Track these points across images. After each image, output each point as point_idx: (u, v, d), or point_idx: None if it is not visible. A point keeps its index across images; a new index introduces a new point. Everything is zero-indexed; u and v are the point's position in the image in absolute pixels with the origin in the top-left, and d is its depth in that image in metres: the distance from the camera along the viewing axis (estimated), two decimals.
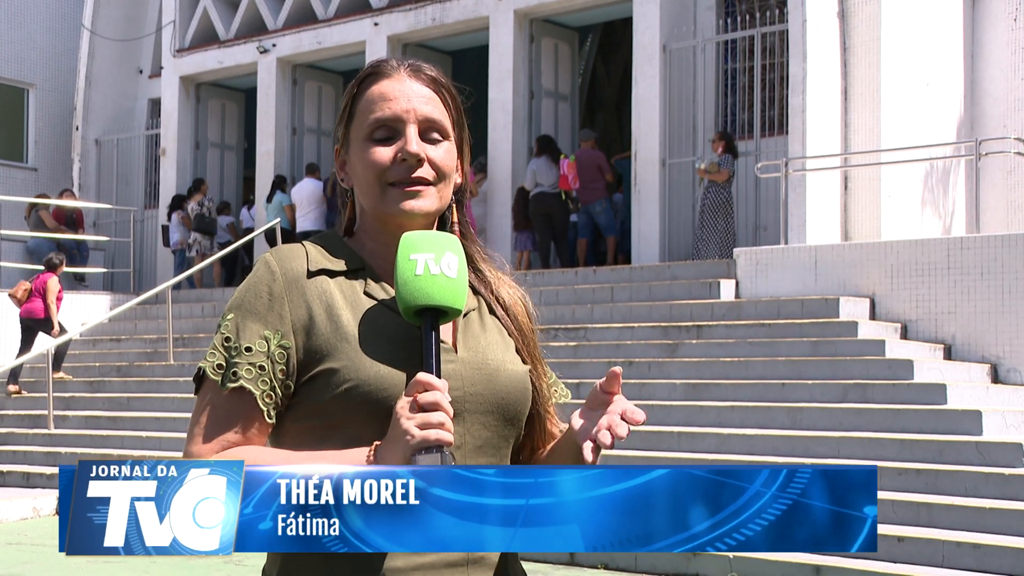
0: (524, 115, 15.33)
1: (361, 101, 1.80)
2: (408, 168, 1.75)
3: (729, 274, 11.99)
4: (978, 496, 7.97)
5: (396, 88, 1.78)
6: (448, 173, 1.79)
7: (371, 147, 1.77)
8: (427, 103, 1.78)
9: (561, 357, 11.26)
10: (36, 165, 20.10)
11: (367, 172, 1.77)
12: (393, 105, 1.77)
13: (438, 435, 1.57)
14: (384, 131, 1.77)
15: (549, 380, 1.89)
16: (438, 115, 1.79)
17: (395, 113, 1.76)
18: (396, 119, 1.76)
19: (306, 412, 1.70)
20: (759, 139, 13.90)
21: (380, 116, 1.77)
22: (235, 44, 17.84)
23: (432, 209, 1.77)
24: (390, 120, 1.76)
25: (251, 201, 17.94)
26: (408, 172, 1.75)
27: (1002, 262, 10.33)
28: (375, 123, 1.77)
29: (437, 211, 1.79)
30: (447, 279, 1.66)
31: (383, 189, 1.76)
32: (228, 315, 1.72)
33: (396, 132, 1.77)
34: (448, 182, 1.80)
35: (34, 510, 10.74)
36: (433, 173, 1.77)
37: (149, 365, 13.94)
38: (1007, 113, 13.59)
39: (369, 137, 1.77)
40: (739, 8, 14.27)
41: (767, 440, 9.07)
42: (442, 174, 1.78)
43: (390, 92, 1.78)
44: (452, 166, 1.80)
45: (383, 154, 1.76)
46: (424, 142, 1.77)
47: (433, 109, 1.79)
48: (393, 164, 1.75)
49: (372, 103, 1.78)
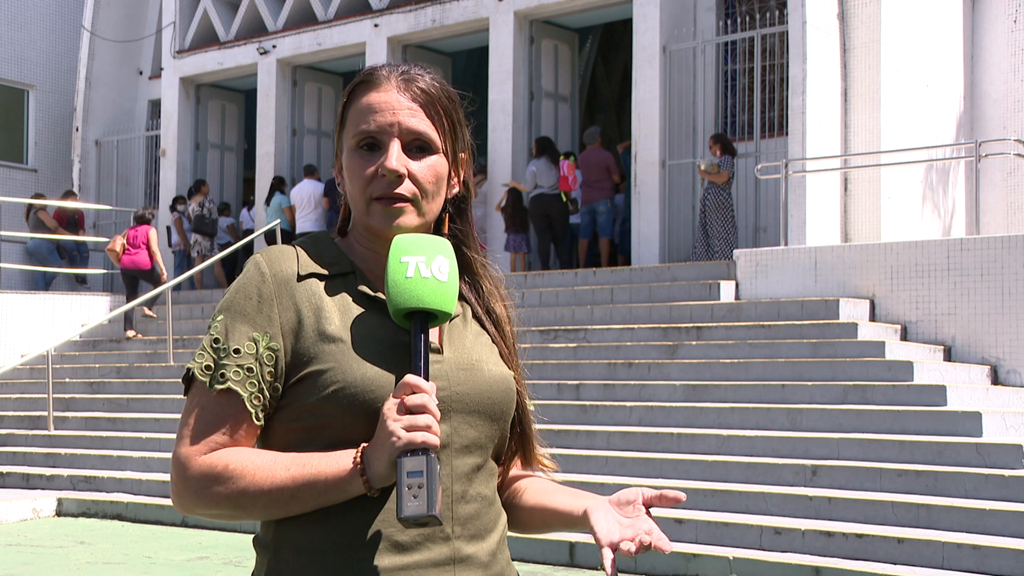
0: (524, 116, 15.33)
1: (351, 110, 1.80)
2: (388, 184, 1.74)
3: (729, 275, 11.99)
4: (978, 497, 7.97)
5: (383, 100, 1.77)
6: (431, 188, 1.77)
7: (356, 158, 1.77)
8: (414, 116, 1.77)
9: (561, 358, 11.26)
10: (36, 166, 20.10)
11: (352, 183, 1.77)
12: (378, 118, 1.76)
13: (424, 438, 1.57)
14: (369, 142, 1.77)
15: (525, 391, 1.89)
16: (424, 128, 1.77)
17: (379, 127, 1.76)
18: (380, 132, 1.76)
19: (294, 414, 1.70)
20: (759, 140, 13.90)
21: (365, 129, 1.76)
22: (235, 45, 17.84)
23: (412, 226, 1.76)
24: (374, 133, 1.76)
25: (251, 202, 17.95)
26: (388, 188, 1.74)
27: (1002, 263, 10.33)
28: (360, 135, 1.77)
29: (420, 226, 1.78)
30: (437, 282, 1.66)
31: (367, 203, 1.76)
32: (218, 316, 1.72)
33: (380, 144, 1.76)
34: (432, 197, 1.78)
35: (34, 511, 10.74)
36: (414, 189, 1.75)
37: (149, 366, 13.94)
38: (1007, 114, 13.59)
39: (356, 147, 1.77)
40: (739, 9, 14.27)
41: (767, 441, 9.08)
42: (424, 190, 1.76)
43: (377, 104, 1.77)
44: (436, 180, 1.78)
45: (365, 167, 1.76)
46: (409, 156, 1.76)
47: (420, 122, 1.77)
48: (374, 178, 1.75)
49: (359, 114, 1.78)
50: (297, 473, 1.63)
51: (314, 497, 1.63)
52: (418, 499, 1.55)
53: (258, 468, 1.64)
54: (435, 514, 1.55)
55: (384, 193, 1.75)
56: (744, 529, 8.04)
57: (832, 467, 8.59)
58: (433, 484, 1.55)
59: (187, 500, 1.68)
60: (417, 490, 1.55)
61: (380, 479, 1.61)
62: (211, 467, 1.66)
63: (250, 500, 1.65)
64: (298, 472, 1.63)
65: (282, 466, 1.64)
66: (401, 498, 1.56)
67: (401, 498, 1.56)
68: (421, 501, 1.55)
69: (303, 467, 1.64)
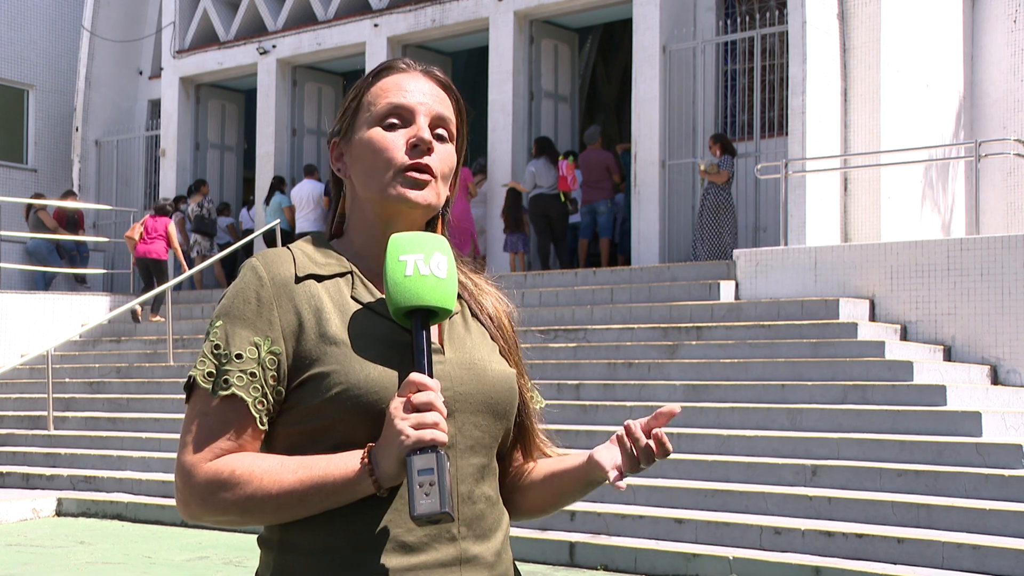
0: (524, 116, 15.33)
1: (373, 91, 1.81)
2: (419, 152, 1.76)
3: (729, 275, 11.99)
4: (978, 497, 7.97)
5: (412, 82, 1.81)
6: (446, 173, 1.81)
7: (379, 133, 1.78)
8: (439, 102, 1.81)
9: (561, 358, 11.26)
10: (36, 166, 20.10)
11: (376, 156, 1.77)
12: (410, 96, 1.79)
13: (433, 435, 1.57)
14: (396, 118, 1.78)
15: (528, 386, 1.89)
16: (449, 115, 1.81)
17: (412, 103, 1.78)
18: (411, 109, 1.78)
19: (298, 417, 1.70)
20: (759, 140, 13.90)
21: (397, 102, 1.78)
22: (235, 45, 17.84)
23: (431, 203, 1.77)
24: (406, 108, 1.78)
25: (251, 202, 17.95)
26: (419, 156, 1.76)
27: (1002, 263, 10.33)
28: (390, 108, 1.78)
29: (433, 208, 1.79)
30: (437, 279, 1.66)
31: (393, 174, 1.76)
32: (216, 322, 1.71)
33: (407, 121, 1.78)
34: (445, 182, 1.81)
35: (34, 511, 10.74)
36: (439, 167, 1.78)
37: (149, 366, 13.94)
38: (1007, 114, 13.59)
39: (380, 122, 1.78)
40: (739, 9, 14.27)
41: (767, 441, 9.08)
42: (442, 172, 1.79)
43: (406, 84, 1.80)
44: (451, 168, 1.82)
45: (394, 139, 1.77)
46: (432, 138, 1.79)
47: (444, 109, 1.81)
48: (404, 148, 1.76)
49: (387, 91, 1.80)
50: (304, 476, 1.63)
51: (322, 499, 1.63)
52: (430, 496, 1.55)
53: (265, 472, 1.64)
54: (448, 511, 1.56)
55: (412, 162, 1.76)
56: (744, 529, 8.04)
57: (832, 467, 8.59)
58: (444, 481, 1.56)
59: (193, 507, 1.67)
60: (429, 488, 1.55)
61: (389, 478, 1.61)
62: (217, 473, 1.64)
63: (257, 505, 1.64)
64: (305, 475, 1.63)
65: (289, 469, 1.64)
66: (413, 496, 1.56)
67: (413, 496, 1.56)
68: (433, 498, 1.55)
69: (310, 470, 1.63)
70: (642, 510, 8.61)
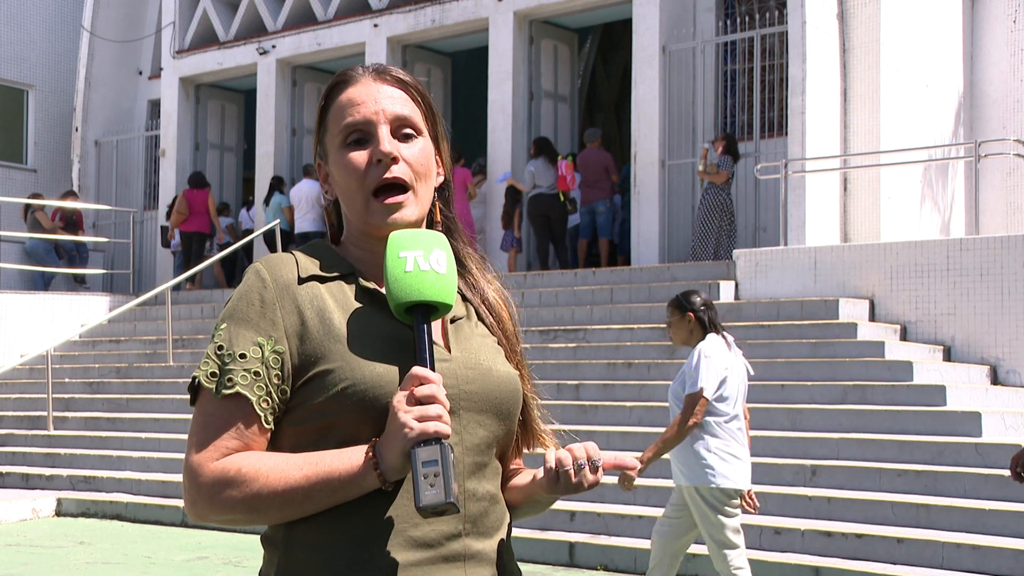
0: (524, 116, 15.33)
1: (331, 110, 1.82)
2: (384, 168, 1.76)
3: (728, 275, 11.99)
4: (977, 498, 7.98)
5: (363, 92, 1.80)
6: (425, 171, 1.80)
7: (346, 153, 1.78)
8: (395, 102, 1.80)
9: (561, 359, 11.26)
10: (36, 166, 20.10)
11: (347, 180, 1.78)
12: (362, 108, 1.79)
13: (436, 427, 1.59)
14: (357, 135, 1.78)
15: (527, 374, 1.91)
16: (408, 111, 1.80)
17: (364, 116, 1.78)
18: (366, 122, 1.78)
19: (302, 415, 1.71)
20: (758, 140, 13.90)
21: (350, 121, 1.79)
22: (235, 45, 17.84)
23: (414, 218, 1.78)
24: (361, 124, 1.78)
25: (250, 202, 17.94)
26: (384, 171, 1.76)
27: (1001, 263, 10.33)
28: (347, 128, 1.79)
29: (420, 217, 1.80)
30: (436, 275, 1.68)
31: (366, 201, 1.77)
32: (221, 325, 1.73)
33: (368, 135, 1.78)
34: (426, 180, 1.81)
35: (33, 511, 10.74)
36: (410, 172, 1.78)
37: (148, 366, 13.94)
38: (1006, 115, 13.59)
39: (343, 144, 1.79)
40: (739, 10, 14.27)
41: (767, 442, 9.07)
42: (419, 173, 1.79)
43: (357, 97, 1.80)
44: (428, 163, 1.81)
45: (358, 158, 1.77)
46: (398, 141, 1.79)
47: (403, 107, 1.80)
48: (369, 167, 1.77)
49: (342, 110, 1.80)
50: (310, 472, 1.64)
51: (328, 495, 1.64)
52: (435, 487, 1.57)
53: (271, 470, 1.65)
54: (453, 501, 1.57)
55: (382, 182, 1.76)
56: (744, 529, 8.03)
57: (832, 467, 8.59)
58: (448, 472, 1.57)
59: (201, 507, 1.68)
60: (433, 479, 1.57)
61: (394, 471, 1.62)
62: (223, 472, 1.66)
63: (264, 502, 1.65)
64: (311, 471, 1.64)
65: (295, 466, 1.65)
66: (418, 488, 1.57)
67: (418, 488, 1.57)
68: (438, 489, 1.57)
69: (316, 466, 1.64)
70: (642, 510, 8.62)
